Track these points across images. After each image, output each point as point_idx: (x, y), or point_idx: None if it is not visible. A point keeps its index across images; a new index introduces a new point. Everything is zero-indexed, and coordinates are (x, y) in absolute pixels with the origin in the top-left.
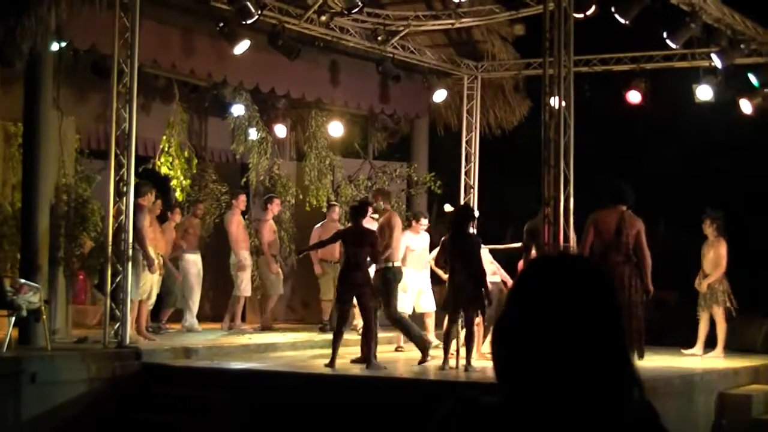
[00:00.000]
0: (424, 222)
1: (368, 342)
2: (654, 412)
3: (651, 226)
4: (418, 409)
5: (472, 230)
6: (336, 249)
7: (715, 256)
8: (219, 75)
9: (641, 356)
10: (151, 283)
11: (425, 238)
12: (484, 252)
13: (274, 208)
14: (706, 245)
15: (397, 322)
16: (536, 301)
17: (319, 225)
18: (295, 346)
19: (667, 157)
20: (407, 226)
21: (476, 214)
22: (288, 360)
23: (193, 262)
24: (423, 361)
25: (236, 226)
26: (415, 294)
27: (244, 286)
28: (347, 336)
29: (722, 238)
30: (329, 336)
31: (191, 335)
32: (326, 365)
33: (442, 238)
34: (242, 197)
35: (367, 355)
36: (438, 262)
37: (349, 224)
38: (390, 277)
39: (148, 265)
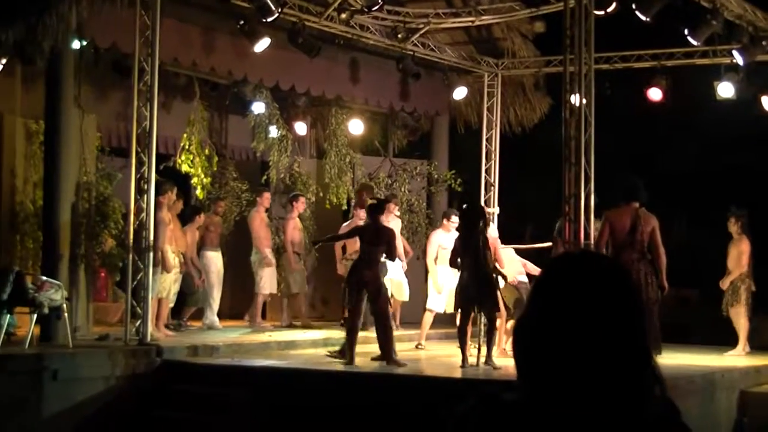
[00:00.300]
0: (455, 219)
1: (388, 340)
2: (676, 409)
3: (671, 224)
4: (438, 407)
5: (485, 228)
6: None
7: (737, 253)
8: (239, 73)
9: (659, 353)
10: (170, 281)
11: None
12: (509, 251)
13: (300, 206)
14: (731, 243)
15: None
16: (558, 298)
17: (346, 223)
18: (316, 344)
19: (687, 154)
20: (428, 223)
21: (490, 211)
22: (307, 357)
23: (214, 259)
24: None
25: (259, 223)
26: (449, 294)
27: (264, 283)
28: (367, 334)
29: (745, 236)
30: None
31: (212, 333)
32: (345, 363)
33: (455, 238)
34: (266, 194)
35: (388, 353)
36: (452, 262)
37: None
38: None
39: (155, 264)
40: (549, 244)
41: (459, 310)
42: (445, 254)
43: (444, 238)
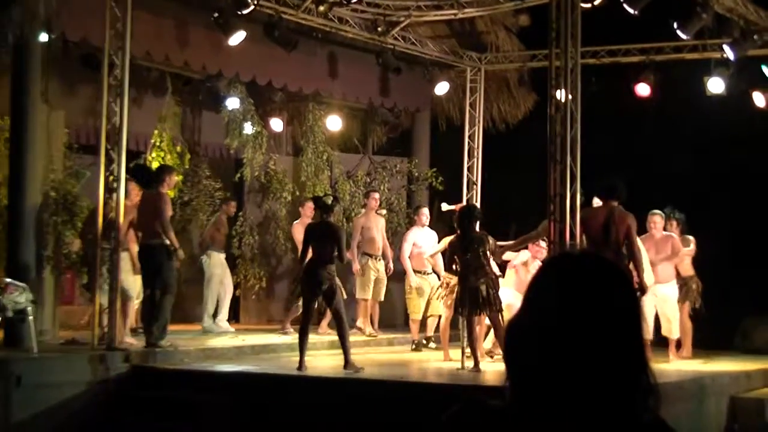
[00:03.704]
0: (425, 212)
1: (344, 342)
2: (663, 422)
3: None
4: (422, 412)
5: (478, 229)
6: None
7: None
8: (214, 67)
9: None
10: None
11: (432, 234)
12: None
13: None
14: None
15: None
16: (553, 299)
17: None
18: (293, 348)
19: (677, 152)
20: (408, 223)
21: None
22: (284, 362)
23: (220, 261)
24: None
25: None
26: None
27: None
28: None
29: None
30: (331, 338)
31: (180, 337)
32: (297, 368)
33: (448, 241)
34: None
35: (345, 356)
36: (448, 266)
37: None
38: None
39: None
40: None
41: (465, 314)
42: (420, 253)
43: (419, 236)
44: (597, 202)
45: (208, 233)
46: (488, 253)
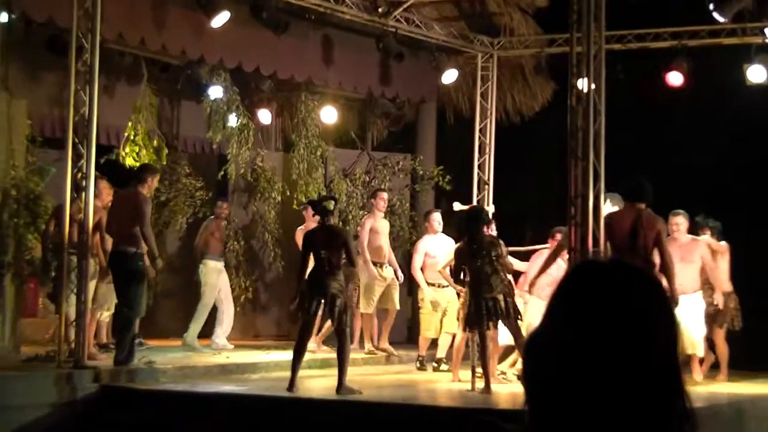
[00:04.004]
0: (437, 218)
1: (342, 363)
2: None
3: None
4: None
5: (487, 234)
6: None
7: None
8: (195, 52)
9: None
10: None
11: (447, 241)
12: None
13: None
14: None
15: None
16: (580, 312)
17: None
18: (280, 366)
19: (712, 147)
20: (412, 227)
21: (490, 214)
22: (270, 383)
23: (217, 269)
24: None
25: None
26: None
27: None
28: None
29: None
30: (325, 355)
31: (157, 353)
32: (287, 389)
33: (454, 249)
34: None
35: (340, 378)
36: (456, 277)
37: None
38: None
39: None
40: (546, 246)
41: (477, 328)
42: (433, 263)
43: (431, 244)
44: (609, 206)
45: (202, 240)
46: (501, 257)
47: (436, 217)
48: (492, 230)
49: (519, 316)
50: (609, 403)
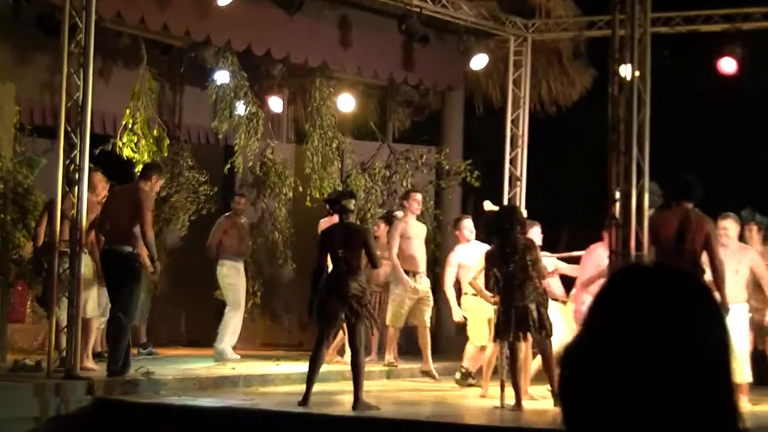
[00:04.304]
0: (468, 225)
1: (357, 376)
2: None
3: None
4: None
5: (522, 236)
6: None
7: None
8: (200, 33)
9: None
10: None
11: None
12: (548, 261)
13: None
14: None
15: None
16: (620, 322)
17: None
18: (291, 379)
19: (767, 141)
20: (437, 227)
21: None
22: (280, 397)
23: (235, 269)
24: None
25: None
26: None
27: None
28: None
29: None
30: (341, 367)
31: (155, 363)
32: (299, 403)
33: (484, 253)
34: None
35: (356, 392)
36: (486, 284)
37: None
38: None
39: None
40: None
41: (508, 339)
42: (468, 274)
43: (464, 254)
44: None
45: (215, 239)
46: (537, 263)
47: (468, 224)
48: (528, 232)
49: (550, 330)
50: (653, 425)
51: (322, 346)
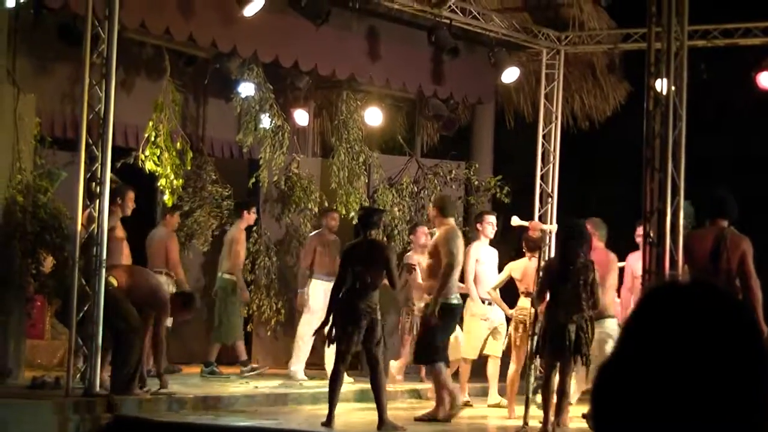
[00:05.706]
0: (491, 220)
1: (379, 397)
2: None
3: None
4: None
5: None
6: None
7: None
8: (226, 44)
9: None
10: None
11: (493, 251)
12: None
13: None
14: None
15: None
16: (654, 343)
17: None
18: (315, 398)
19: None
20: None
21: (546, 229)
22: (304, 417)
23: (321, 291)
24: None
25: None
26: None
27: None
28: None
29: None
30: (361, 386)
31: (177, 381)
32: (322, 424)
33: (542, 265)
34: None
35: (380, 415)
36: (539, 296)
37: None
38: None
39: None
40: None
41: (547, 358)
42: (485, 272)
43: (483, 250)
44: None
45: (311, 257)
46: (589, 285)
47: (491, 220)
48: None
49: (583, 357)
50: None
51: (339, 365)
